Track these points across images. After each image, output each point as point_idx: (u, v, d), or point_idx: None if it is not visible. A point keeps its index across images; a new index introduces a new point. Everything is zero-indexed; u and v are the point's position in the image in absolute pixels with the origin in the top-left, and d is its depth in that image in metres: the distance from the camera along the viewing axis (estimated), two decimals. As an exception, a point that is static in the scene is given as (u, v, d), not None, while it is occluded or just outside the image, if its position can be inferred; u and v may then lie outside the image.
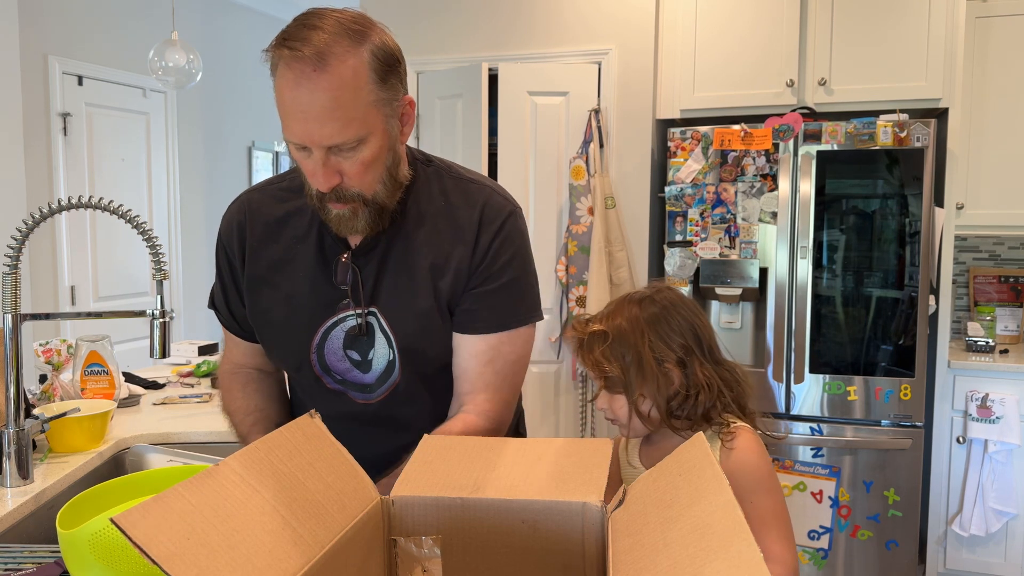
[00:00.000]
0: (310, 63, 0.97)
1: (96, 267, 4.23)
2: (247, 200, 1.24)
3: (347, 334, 1.18)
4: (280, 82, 1.00)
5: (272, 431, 1.23)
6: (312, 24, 0.99)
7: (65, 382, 2.05)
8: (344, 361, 1.19)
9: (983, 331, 3.18)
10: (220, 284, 1.28)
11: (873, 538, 2.84)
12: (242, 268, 1.23)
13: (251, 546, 0.70)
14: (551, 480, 0.90)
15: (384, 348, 1.17)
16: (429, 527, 0.88)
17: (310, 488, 0.81)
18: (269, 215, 1.21)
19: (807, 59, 3.00)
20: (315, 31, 0.98)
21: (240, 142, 5.37)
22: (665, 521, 0.74)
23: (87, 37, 4.11)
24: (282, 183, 1.23)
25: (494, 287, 1.15)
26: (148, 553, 0.61)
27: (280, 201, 1.21)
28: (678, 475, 0.80)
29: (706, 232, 2.95)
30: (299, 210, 1.19)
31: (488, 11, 3.36)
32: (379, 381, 1.20)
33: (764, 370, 2.92)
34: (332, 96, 0.98)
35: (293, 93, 0.98)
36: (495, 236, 1.15)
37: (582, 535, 0.86)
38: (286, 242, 1.19)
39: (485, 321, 1.16)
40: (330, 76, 0.98)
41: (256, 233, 1.20)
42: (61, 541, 1.01)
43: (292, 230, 1.19)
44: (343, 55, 0.98)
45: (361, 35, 1.01)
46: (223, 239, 1.25)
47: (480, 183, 1.21)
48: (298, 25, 0.99)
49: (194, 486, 0.70)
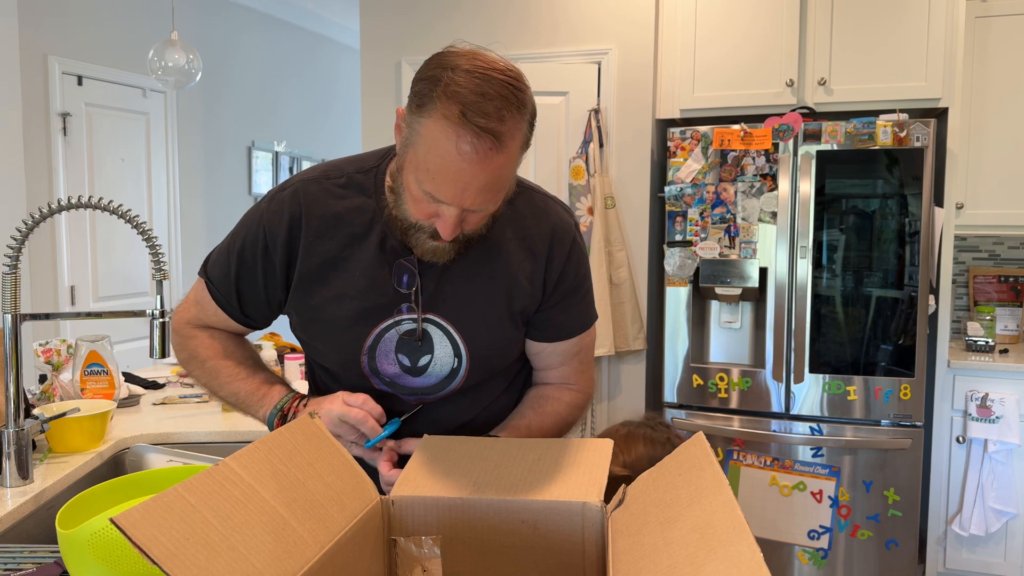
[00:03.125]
0: (489, 144, 0.95)
1: (96, 267, 4.23)
2: (303, 191, 1.17)
3: (401, 338, 1.16)
4: (444, 146, 0.96)
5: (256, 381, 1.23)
6: (497, 95, 0.95)
7: (65, 382, 2.05)
8: (395, 365, 1.18)
9: (983, 331, 3.18)
10: (237, 264, 1.21)
11: (873, 538, 2.84)
12: (286, 261, 1.18)
13: (251, 546, 0.70)
14: (551, 480, 0.90)
15: (448, 356, 1.17)
16: (429, 527, 0.89)
17: (310, 488, 0.81)
18: (326, 210, 1.16)
19: (807, 59, 3.00)
20: (500, 105, 0.95)
21: (240, 142, 5.36)
22: (665, 521, 0.74)
23: (87, 37, 4.10)
24: (339, 179, 1.18)
25: (576, 298, 1.24)
26: (148, 553, 0.61)
27: (338, 197, 1.16)
28: (678, 475, 0.80)
29: (706, 232, 2.95)
30: (358, 208, 1.16)
31: (488, 11, 3.35)
32: (437, 386, 1.20)
33: (764, 370, 2.92)
34: (498, 174, 0.99)
35: (462, 167, 0.96)
36: (569, 254, 1.21)
37: (582, 535, 0.86)
38: (342, 240, 1.16)
39: (572, 327, 1.25)
40: (504, 157, 0.98)
41: (312, 227, 1.16)
42: (61, 541, 1.01)
43: (350, 228, 1.16)
44: (515, 133, 0.98)
45: (523, 103, 0.99)
46: (267, 225, 1.17)
47: (542, 193, 1.24)
48: (481, 95, 0.95)
49: (194, 486, 0.70)
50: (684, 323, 3.02)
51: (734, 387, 2.97)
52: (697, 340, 3.05)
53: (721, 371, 2.99)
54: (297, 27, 5.88)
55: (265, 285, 1.20)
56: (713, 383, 2.99)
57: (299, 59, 5.93)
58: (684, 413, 3.03)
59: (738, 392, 2.96)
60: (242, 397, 1.23)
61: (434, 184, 0.99)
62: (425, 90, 0.98)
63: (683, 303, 3.02)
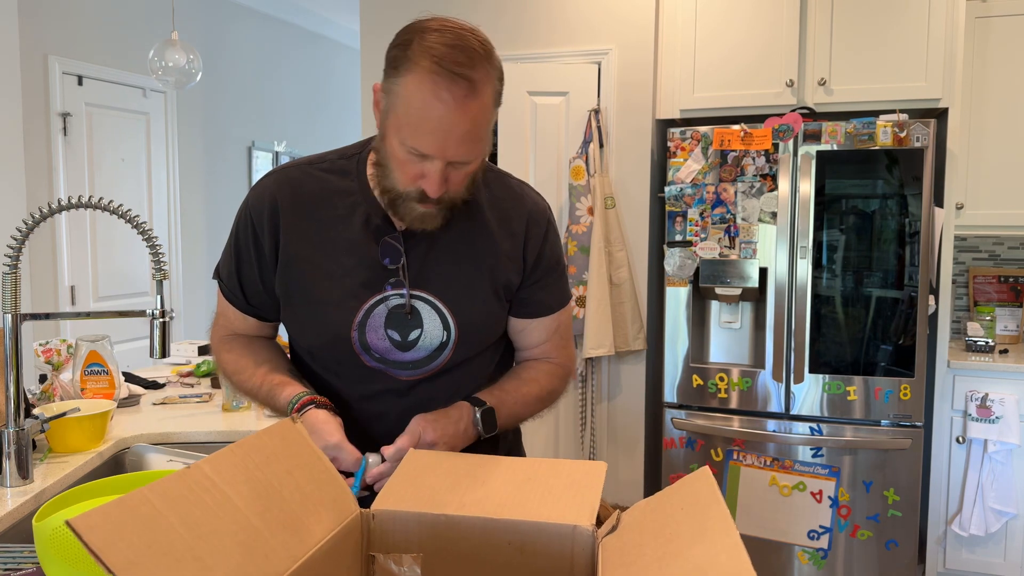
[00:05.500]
0: (464, 89, 1.02)
1: (96, 267, 4.23)
2: (285, 176, 1.23)
3: (390, 312, 1.20)
4: (423, 96, 1.03)
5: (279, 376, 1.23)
6: (466, 46, 1.04)
7: (65, 382, 2.05)
8: (384, 340, 1.21)
9: (983, 331, 3.18)
10: (235, 256, 1.25)
11: (873, 538, 2.84)
12: (273, 244, 1.21)
13: (218, 558, 0.65)
14: (541, 501, 0.86)
15: (437, 329, 1.22)
16: (410, 544, 0.84)
17: (286, 497, 0.77)
18: (310, 192, 1.21)
19: (807, 59, 3.00)
20: (470, 55, 1.03)
21: (240, 142, 5.37)
22: (664, 556, 0.71)
23: (87, 37, 4.11)
24: (322, 164, 1.24)
25: (554, 276, 1.32)
26: (104, 561, 0.57)
27: (320, 181, 1.22)
28: (680, 508, 0.77)
29: (706, 232, 2.95)
30: (342, 190, 1.21)
31: (488, 11, 3.35)
32: (427, 359, 1.23)
33: (764, 370, 2.92)
34: (475, 121, 1.06)
35: (441, 113, 1.03)
36: (546, 235, 1.30)
37: (571, 560, 0.82)
38: (327, 220, 1.20)
39: (551, 303, 1.33)
40: (478, 103, 1.05)
41: (296, 209, 1.20)
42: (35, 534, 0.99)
43: (334, 209, 1.20)
44: (487, 80, 1.06)
45: (491, 55, 1.07)
46: (253, 211, 1.22)
47: (515, 178, 1.33)
48: (451, 46, 1.03)
49: (161, 489, 0.66)
50: (684, 323, 3.02)
51: (734, 387, 2.97)
52: (697, 340, 3.05)
53: (721, 371, 2.99)
54: (297, 27, 5.89)
55: (260, 271, 1.24)
56: (713, 383, 2.99)
57: (299, 59, 5.93)
58: (684, 413, 3.03)
59: (738, 392, 2.96)
60: (270, 409, 1.27)
61: (416, 137, 1.05)
62: (399, 53, 1.06)
63: (683, 303, 3.02)
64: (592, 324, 3.13)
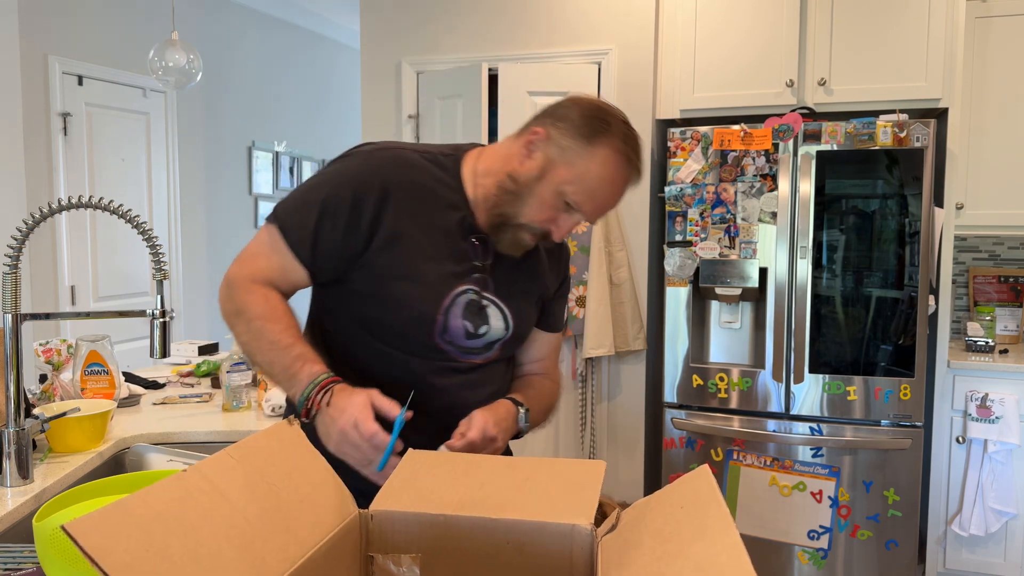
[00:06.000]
0: (636, 172, 1.26)
1: (96, 267, 4.23)
2: (402, 157, 1.30)
3: (468, 304, 1.31)
4: (608, 171, 1.23)
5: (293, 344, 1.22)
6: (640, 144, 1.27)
7: (65, 382, 2.05)
8: (460, 328, 1.31)
9: (983, 331, 3.18)
10: (320, 211, 1.24)
11: (873, 538, 2.84)
12: (373, 218, 1.24)
13: (216, 560, 0.65)
14: (540, 500, 0.86)
15: (500, 330, 1.34)
16: (410, 544, 0.84)
17: (283, 499, 0.77)
18: (423, 177, 1.29)
19: (807, 59, 3.00)
20: (641, 151, 1.27)
21: (240, 142, 5.37)
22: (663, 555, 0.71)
23: (87, 37, 4.11)
24: (428, 154, 1.33)
25: (565, 298, 1.49)
26: (99, 565, 0.56)
27: (430, 170, 1.31)
28: (679, 507, 0.77)
29: (706, 232, 2.95)
30: (445, 184, 1.31)
31: (488, 11, 3.36)
32: (482, 350, 1.35)
33: (763, 370, 2.92)
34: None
35: (611, 190, 1.24)
36: (568, 259, 1.48)
37: (570, 559, 0.82)
38: (433, 206, 1.29)
39: (560, 322, 1.49)
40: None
41: (409, 189, 1.27)
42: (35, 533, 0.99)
43: (438, 199, 1.30)
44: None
45: None
46: (359, 183, 1.25)
47: None
48: (635, 140, 1.25)
49: (158, 493, 0.66)
50: (684, 323, 3.02)
51: (734, 387, 2.97)
52: (697, 340, 3.05)
53: (721, 371, 2.99)
54: (297, 27, 5.89)
55: (344, 236, 1.25)
56: (713, 383, 2.99)
57: (299, 59, 5.93)
58: (684, 413, 3.03)
59: (738, 392, 2.96)
60: (276, 371, 1.22)
61: (579, 195, 1.22)
62: (598, 126, 1.23)
63: (683, 303, 3.02)
64: (592, 324, 3.13)
